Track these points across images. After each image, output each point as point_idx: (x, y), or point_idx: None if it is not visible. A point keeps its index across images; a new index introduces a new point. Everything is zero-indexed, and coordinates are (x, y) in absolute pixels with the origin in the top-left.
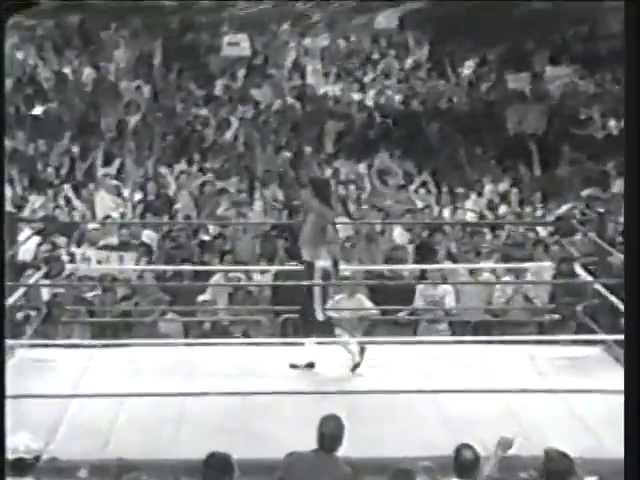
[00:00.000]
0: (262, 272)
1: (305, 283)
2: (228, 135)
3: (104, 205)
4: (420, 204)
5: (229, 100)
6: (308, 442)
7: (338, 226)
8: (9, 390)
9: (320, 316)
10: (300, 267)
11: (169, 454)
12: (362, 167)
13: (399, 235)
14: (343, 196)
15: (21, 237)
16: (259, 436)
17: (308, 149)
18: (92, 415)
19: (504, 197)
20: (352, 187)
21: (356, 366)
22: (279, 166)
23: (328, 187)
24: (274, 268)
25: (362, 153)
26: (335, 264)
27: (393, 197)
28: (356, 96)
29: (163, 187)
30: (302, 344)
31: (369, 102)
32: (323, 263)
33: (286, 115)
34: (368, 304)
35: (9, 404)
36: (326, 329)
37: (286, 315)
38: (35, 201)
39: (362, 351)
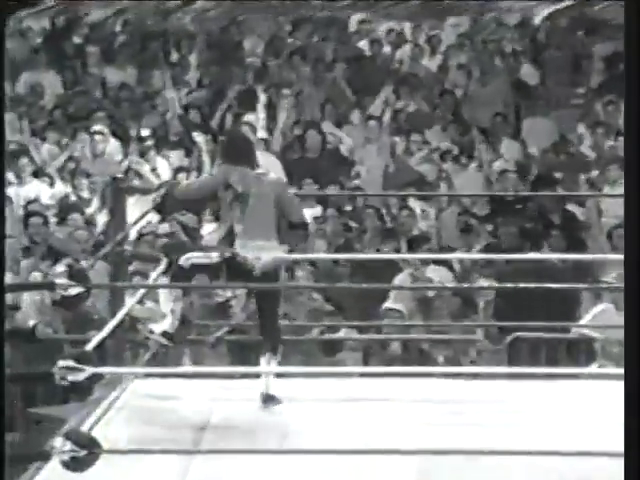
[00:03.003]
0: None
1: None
2: (433, 60)
3: None
4: None
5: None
6: None
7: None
8: (117, 439)
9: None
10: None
11: None
12: None
13: None
14: (615, 157)
15: (131, 215)
16: None
17: (556, 82)
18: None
19: None
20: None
21: (267, 399)
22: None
23: (245, 144)
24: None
25: None
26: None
27: None
28: None
29: (329, 142)
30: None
31: None
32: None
33: (523, 30)
34: None
35: (115, 458)
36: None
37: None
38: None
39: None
